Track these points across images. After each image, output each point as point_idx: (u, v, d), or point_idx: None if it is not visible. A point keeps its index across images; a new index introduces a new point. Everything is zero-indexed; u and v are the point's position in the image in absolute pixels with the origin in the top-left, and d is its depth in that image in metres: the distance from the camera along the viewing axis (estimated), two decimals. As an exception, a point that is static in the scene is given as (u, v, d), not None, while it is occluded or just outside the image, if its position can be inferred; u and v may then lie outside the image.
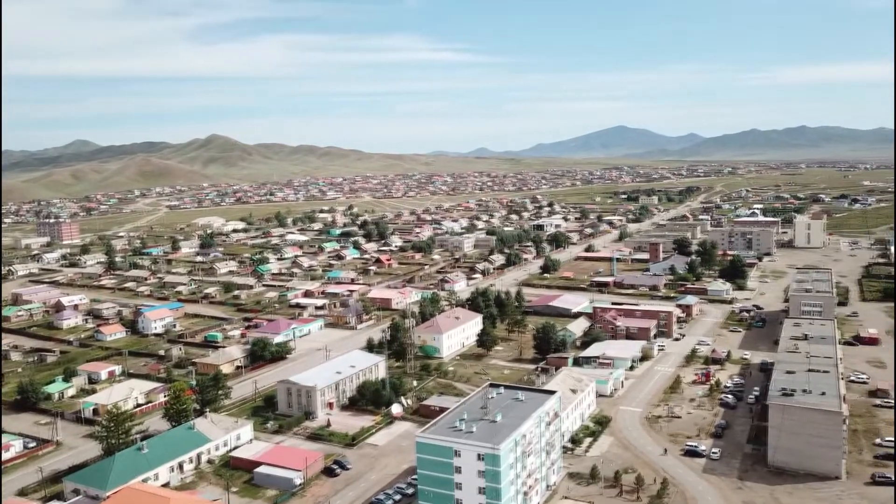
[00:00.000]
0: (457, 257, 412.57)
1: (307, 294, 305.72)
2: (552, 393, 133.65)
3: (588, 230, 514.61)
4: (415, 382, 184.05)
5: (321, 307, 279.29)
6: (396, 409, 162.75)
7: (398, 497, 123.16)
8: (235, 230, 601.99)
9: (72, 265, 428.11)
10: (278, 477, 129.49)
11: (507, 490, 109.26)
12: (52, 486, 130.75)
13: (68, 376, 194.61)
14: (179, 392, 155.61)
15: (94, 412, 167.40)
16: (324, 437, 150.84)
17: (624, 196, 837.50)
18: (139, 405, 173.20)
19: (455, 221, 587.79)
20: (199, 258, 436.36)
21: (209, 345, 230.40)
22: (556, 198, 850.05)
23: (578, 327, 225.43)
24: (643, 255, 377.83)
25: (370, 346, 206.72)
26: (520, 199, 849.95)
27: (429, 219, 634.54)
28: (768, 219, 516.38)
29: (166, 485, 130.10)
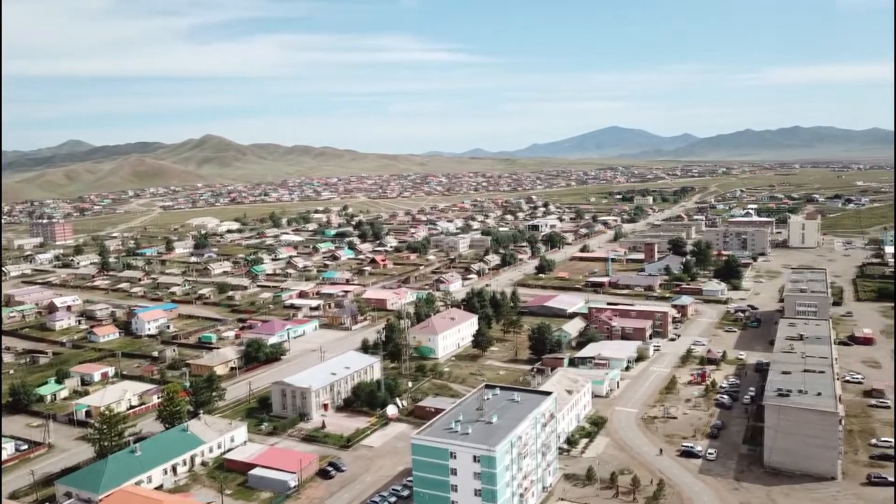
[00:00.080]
0: (452, 258, 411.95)
1: (302, 295, 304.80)
2: (548, 394, 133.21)
3: (583, 230, 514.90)
4: (410, 383, 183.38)
5: (316, 308, 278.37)
6: (391, 410, 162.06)
7: (393, 499, 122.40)
8: (230, 230, 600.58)
9: (65, 266, 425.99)
10: (273, 479, 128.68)
11: (503, 492, 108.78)
12: (44, 490, 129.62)
13: (61, 378, 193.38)
14: (173, 394, 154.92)
15: (87, 414, 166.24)
16: (318, 439, 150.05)
17: (619, 196, 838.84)
18: (132, 407, 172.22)
19: (450, 222, 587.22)
20: (194, 259, 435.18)
21: (203, 346, 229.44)
22: (551, 198, 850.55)
23: (574, 328, 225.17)
24: (638, 256, 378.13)
25: (365, 347, 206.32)
26: (515, 199, 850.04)
27: (424, 219, 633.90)
28: (763, 219, 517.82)
29: (160, 487, 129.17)
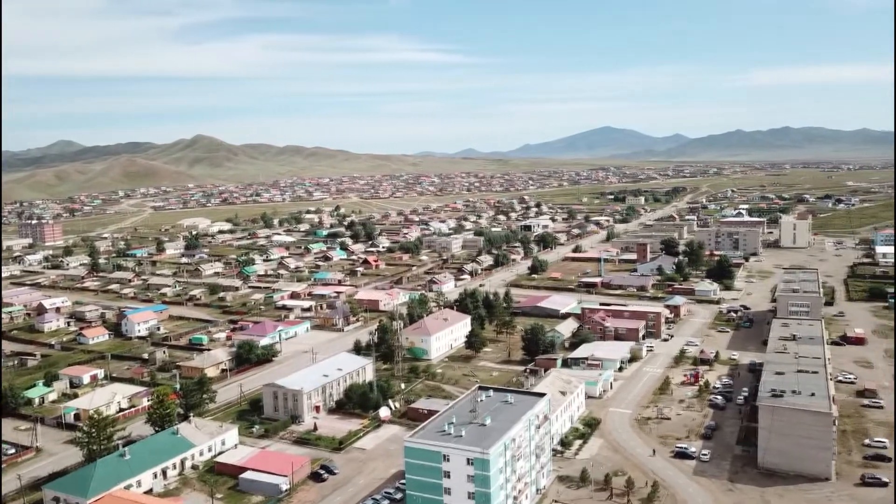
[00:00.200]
0: (445, 258, 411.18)
1: (293, 296, 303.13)
2: (542, 395, 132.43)
3: (576, 231, 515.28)
4: (403, 385, 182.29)
5: (308, 309, 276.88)
6: (384, 412, 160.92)
7: (386, 502, 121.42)
8: (221, 231, 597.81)
9: (54, 267, 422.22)
10: (264, 483, 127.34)
11: (496, 495, 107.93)
12: (31, 494, 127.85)
13: (49, 381, 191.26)
14: (163, 396, 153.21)
15: (76, 417, 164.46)
16: (310, 442, 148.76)
17: (611, 196, 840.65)
18: (122, 410, 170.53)
19: (443, 222, 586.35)
20: (185, 259, 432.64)
21: (194, 347, 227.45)
22: (543, 198, 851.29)
23: (567, 328, 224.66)
24: (631, 256, 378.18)
25: (357, 348, 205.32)
26: (507, 199, 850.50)
27: (416, 219, 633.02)
28: (754, 219, 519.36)
29: (149, 492, 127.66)
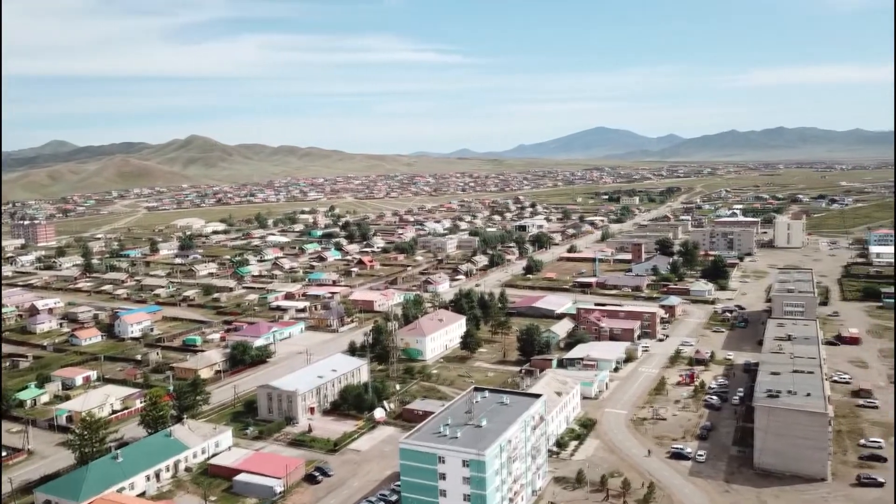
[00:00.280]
0: (440, 258, 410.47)
1: (288, 296, 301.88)
2: (537, 396, 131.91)
3: (570, 231, 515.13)
4: (398, 386, 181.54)
5: (302, 310, 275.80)
6: (379, 413, 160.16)
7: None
8: (215, 232, 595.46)
9: (47, 268, 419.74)
10: (258, 485, 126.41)
11: (492, 497, 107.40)
12: (22, 498, 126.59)
13: (42, 382, 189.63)
14: (156, 398, 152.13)
15: (68, 419, 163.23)
16: (305, 443, 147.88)
17: (605, 197, 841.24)
18: (115, 412, 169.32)
19: (438, 222, 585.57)
20: (179, 260, 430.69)
21: (188, 349, 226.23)
22: (538, 198, 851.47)
23: (562, 329, 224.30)
24: (626, 256, 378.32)
25: (352, 349, 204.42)
26: (502, 199, 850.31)
27: (411, 220, 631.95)
28: (748, 219, 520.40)
29: (142, 494, 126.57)
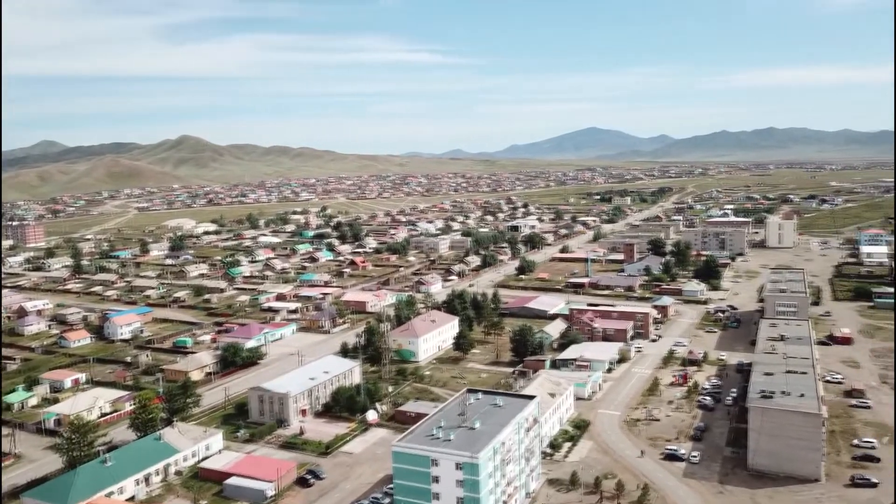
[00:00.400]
0: (432, 259, 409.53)
1: (280, 297, 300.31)
2: (531, 398, 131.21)
3: (563, 231, 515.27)
4: (390, 388, 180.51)
5: (294, 311, 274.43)
6: (372, 415, 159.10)
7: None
8: (207, 232, 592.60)
9: (36, 269, 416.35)
10: (249, 489, 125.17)
11: (486, 499, 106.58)
12: (10, 502, 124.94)
13: (30, 385, 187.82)
14: (146, 401, 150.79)
15: (57, 423, 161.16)
16: (297, 446, 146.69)
17: (597, 197, 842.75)
18: (104, 415, 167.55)
19: (430, 223, 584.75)
20: (169, 261, 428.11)
21: (178, 350, 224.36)
22: (530, 199, 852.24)
23: (555, 329, 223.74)
24: (618, 256, 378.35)
25: (344, 350, 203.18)
26: (494, 200, 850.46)
27: (404, 220, 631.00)
28: (740, 219, 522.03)
29: (132, 499, 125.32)
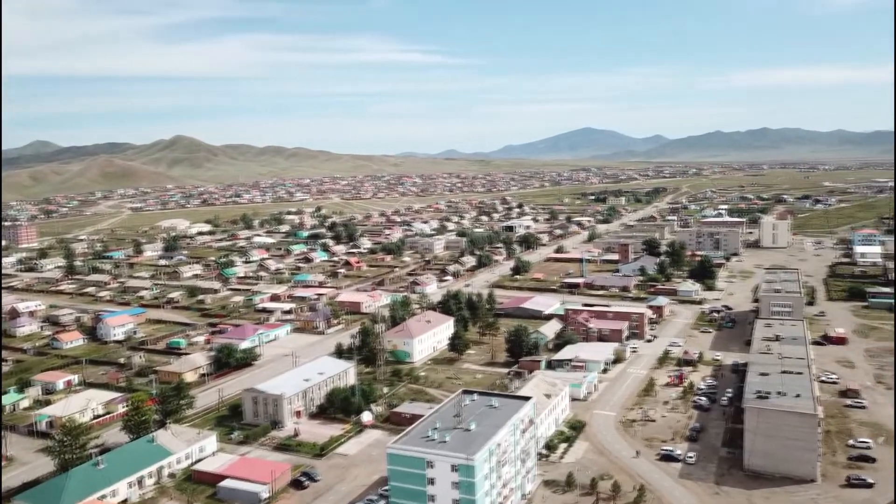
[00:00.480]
0: (427, 259, 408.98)
1: (274, 298, 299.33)
2: (527, 399, 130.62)
3: (558, 231, 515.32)
4: (385, 389, 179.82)
5: (288, 311, 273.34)
6: (367, 416, 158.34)
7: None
8: (201, 233, 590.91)
9: (29, 270, 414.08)
10: (243, 491, 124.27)
11: (482, 501, 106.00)
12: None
13: (22, 387, 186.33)
14: (139, 403, 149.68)
15: (49, 425, 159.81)
16: (291, 448, 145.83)
17: (592, 197, 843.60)
18: (97, 417, 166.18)
19: (425, 223, 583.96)
20: (163, 262, 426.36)
21: (172, 352, 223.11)
22: (525, 199, 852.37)
23: (550, 329, 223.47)
24: (613, 256, 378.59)
25: (339, 351, 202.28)
26: (489, 200, 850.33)
27: (398, 220, 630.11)
28: (734, 219, 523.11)
29: (125, 502, 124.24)
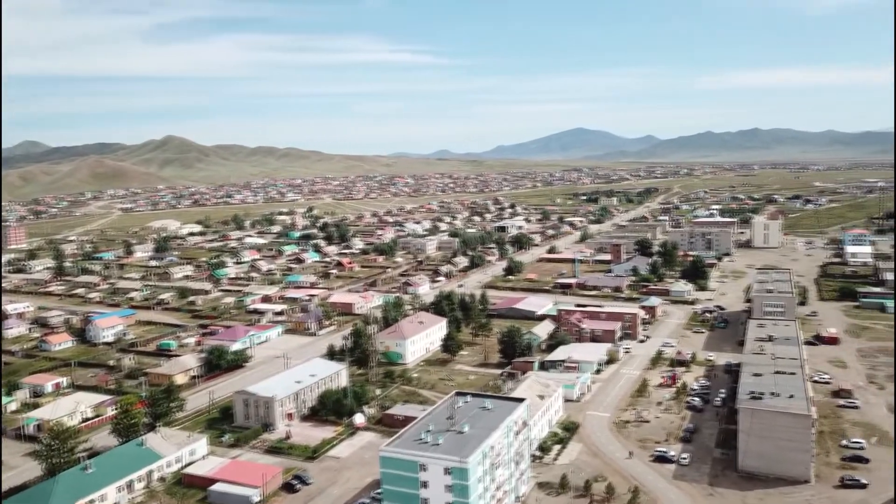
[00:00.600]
0: (420, 260, 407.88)
1: (265, 299, 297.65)
2: (520, 400, 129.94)
3: (550, 231, 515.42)
4: (378, 390, 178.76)
5: (280, 313, 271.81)
6: (359, 419, 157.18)
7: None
8: (192, 233, 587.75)
9: (18, 271, 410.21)
10: (234, 495, 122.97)
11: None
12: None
13: (10, 390, 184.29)
14: (129, 405, 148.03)
15: (38, 428, 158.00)
16: (283, 451, 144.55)
17: (584, 197, 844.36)
18: (86, 420, 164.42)
19: (417, 223, 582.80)
20: (154, 263, 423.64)
21: (162, 353, 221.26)
22: (517, 199, 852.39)
23: (543, 330, 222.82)
24: (605, 257, 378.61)
25: (331, 353, 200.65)
26: (482, 200, 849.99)
27: (391, 221, 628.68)
28: (726, 219, 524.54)
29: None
